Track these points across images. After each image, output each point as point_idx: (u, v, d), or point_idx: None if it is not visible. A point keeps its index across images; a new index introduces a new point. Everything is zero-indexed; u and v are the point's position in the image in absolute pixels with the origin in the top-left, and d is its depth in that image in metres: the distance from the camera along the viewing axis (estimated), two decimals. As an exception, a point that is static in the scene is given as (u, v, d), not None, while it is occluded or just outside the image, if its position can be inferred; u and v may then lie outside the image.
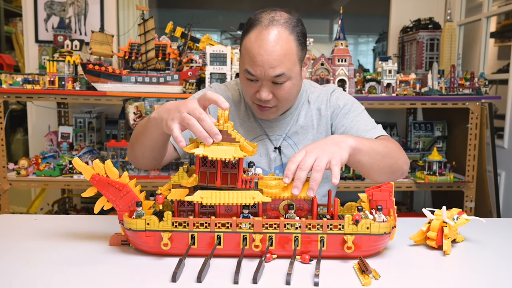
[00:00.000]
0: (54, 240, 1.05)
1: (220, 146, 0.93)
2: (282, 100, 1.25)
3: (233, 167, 0.94)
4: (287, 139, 1.38)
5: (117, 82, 2.43)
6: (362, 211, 0.98)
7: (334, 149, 1.01)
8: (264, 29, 1.17)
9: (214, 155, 0.90)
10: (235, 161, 0.93)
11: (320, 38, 4.84)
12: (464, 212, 1.05)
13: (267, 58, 1.16)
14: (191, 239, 0.92)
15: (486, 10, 2.97)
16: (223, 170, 0.94)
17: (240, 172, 0.94)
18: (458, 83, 2.59)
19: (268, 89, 1.21)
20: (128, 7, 3.30)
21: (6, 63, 2.78)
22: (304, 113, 1.39)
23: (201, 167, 0.94)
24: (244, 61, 1.22)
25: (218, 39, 4.30)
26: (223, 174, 0.94)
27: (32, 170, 2.59)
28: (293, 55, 1.20)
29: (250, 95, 1.27)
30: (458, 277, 0.88)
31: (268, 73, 1.18)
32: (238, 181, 0.94)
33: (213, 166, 0.94)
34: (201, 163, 0.94)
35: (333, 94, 1.40)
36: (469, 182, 2.57)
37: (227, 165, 0.94)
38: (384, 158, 1.16)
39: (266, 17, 1.20)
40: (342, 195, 1.50)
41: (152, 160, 1.23)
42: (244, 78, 1.25)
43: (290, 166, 0.97)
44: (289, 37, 1.19)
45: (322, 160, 0.97)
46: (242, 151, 0.93)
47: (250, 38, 1.19)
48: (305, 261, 0.91)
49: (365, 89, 2.56)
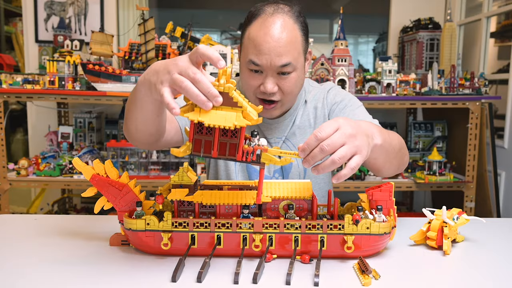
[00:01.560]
0: (54, 240, 1.05)
1: (219, 111, 0.80)
2: (287, 93, 1.21)
3: (233, 136, 0.81)
4: (286, 141, 1.35)
5: (117, 82, 2.43)
6: (362, 211, 0.98)
7: (364, 142, 0.88)
8: (269, 17, 1.16)
9: (212, 122, 0.78)
10: (235, 130, 0.81)
11: (320, 38, 4.84)
12: (464, 212, 1.05)
13: (273, 45, 1.13)
14: (191, 239, 0.92)
15: (486, 10, 2.97)
16: (221, 138, 0.81)
17: (241, 142, 0.81)
18: (458, 83, 2.59)
19: (273, 80, 1.17)
20: (128, 7, 3.30)
21: (6, 63, 2.78)
22: (301, 113, 1.36)
23: (196, 134, 0.81)
24: (247, 52, 1.18)
25: (218, 39, 4.30)
26: (221, 144, 0.82)
27: (32, 170, 2.59)
28: (298, 44, 1.18)
29: (253, 89, 1.21)
30: (458, 277, 0.88)
31: (275, 62, 1.14)
32: (238, 152, 0.82)
33: (210, 134, 0.81)
34: (196, 130, 0.81)
35: (330, 92, 1.38)
36: (469, 182, 2.57)
37: (226, 134, 0.81)
38: (397, 154, 1.11)
39: (270, 7, 1.19)
40: (342, 195, 1.51)
41: (147, 136, 1.09)
42: (247, 71, 1.21)
43: (311, 142, 0.83)
44: (294, 25, 1.17)
45: (349, 151, 0.84)
46: (245, 118, 0.81)
47: (255, 27, 1.16)
48: (305, 261, 0.91)
49: (365, 89, 2.56)
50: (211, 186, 0.98)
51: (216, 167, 1.39)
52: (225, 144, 0.82)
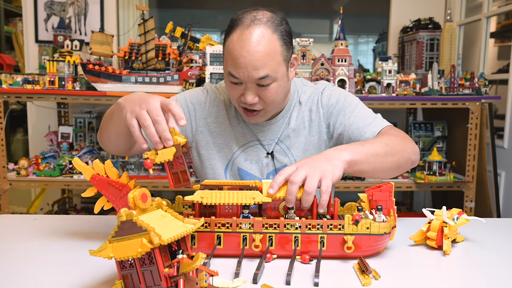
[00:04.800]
0: (54, 240, 1.05)
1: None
2: (269, 102, 1.19)
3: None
4: (279, 143, 1.32)
5: (117, 82, 2.43)
6: (362, 211, 0.98)
7: (327, 166, 0.97)
8: (245, 29, 1.12)
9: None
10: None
11: (320, 38, 4.84)
12: (464, 212, 1.05)
13: (249, 59, 1.11)
14: (191, 239, 0.92)
15: (486, 10, 2.97)
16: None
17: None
18: (458, 83, 2.59)
19: (253, 92, 1.17)
20: (128, 7, 3.30)
21: (6, 63, 2.78)
22: (296, 115, 1.32)
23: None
24: (227, 64, 1.17)
25: (218, 39, 4.29)
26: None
27: (32, 170, 2.59)
28: (277, 55, 1.15)
29: (235, 98, 1.22)
30: (458, 277, 0.88)
31: (252, 75, 1.13)
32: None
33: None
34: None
35: (324, 93, 1.34)
36: (469, 182, 2.57)
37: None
38: (386, 158, 1.11)
39: (248, 16, 1.15)
40: (342, 195, 1.50)
41: (116, 148, 1.21)
42: (228, 81, 1.20)
43: (277, 178, 0.95)
44: (272, 36, 1.13)
45: (313, 179, 0.93)
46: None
47: (232, 39, 1.14)
48: (305, 261, 0.91)
49: (365, 89, 2.56)
50: (211, 186, 0.98)
51: (205, 176, 1.37)
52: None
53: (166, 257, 0.73)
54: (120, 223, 0.73)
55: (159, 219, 0.76)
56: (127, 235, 0.73)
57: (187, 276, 0.71)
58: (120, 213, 0.73)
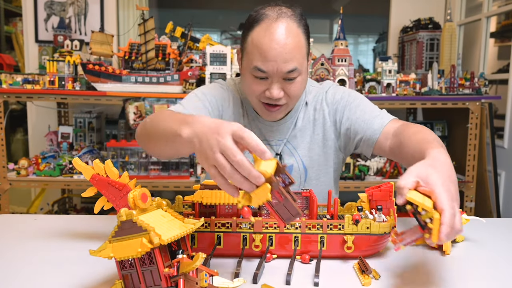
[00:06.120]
0: (54, 240, 1.05)
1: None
2: (292, 97, 1.19)
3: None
4: (287, 144, 1.31)
5: (117, 82, 2.43)
6: (362, 211, 0.98)
7: (457, 194, 0.81)
8: (273, 22, 1.12)
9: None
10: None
11: (320, 38, 4.84)
12: (464, 212, 1.05)
13: (280, 52, 1.11)
14: (191, 239, 0.92)
15: (486, 10, 2.97)
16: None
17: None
18: (458, 83, 2.59)
19: (279, 86, 1.15)
20: (128, 7, 3.30)
21: (6, 63, 2.78)
22: (302, 116, 1.33)
23: None
24: (252, 58, 1.15)
25: (218, 39, 4.30)
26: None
27: (32, 170, 2.59)
28: (302, 48, 1.16)
29: (257, 94, 1.19)
30: (458, 277, 0.88)
31: (281, 68, 1.12)
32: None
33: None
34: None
35: (329, 92, 1.34)
36: (469, 182, 2.57)
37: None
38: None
39: (273, 10, 1.15)
40: (342, 195, 1.50)
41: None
42: (251, 77, 1.17)
43: (448, 232, 0.73)
44: (298, 29, 1.14)
45: (457, 212, 0.77)
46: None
47: (258, 33, 1.13)
48: (305, 261, 0.91)
49: (365, 89, 2.56)
50: (211, 186, 0.98)
51: None
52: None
53: (166, 257, 0.74)
54: (120, 223, 0.73)
55: (159, 219, 0.76)
56: (127, 235, 0.73)
57: (187, 276, 0.71)
58: (120, 213, 0.73)
